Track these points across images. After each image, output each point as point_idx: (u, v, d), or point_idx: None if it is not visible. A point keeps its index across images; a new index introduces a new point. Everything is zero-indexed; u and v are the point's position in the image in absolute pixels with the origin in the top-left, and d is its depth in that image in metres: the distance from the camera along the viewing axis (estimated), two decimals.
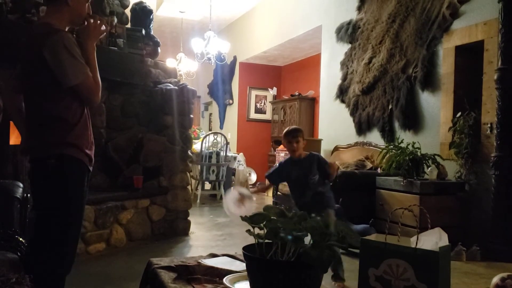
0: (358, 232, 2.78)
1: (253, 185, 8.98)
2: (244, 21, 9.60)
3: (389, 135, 5.14)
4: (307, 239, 1.35)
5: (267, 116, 9.87)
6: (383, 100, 5.24)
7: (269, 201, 6.81)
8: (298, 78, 9.21)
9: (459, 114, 4.13)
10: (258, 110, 9.98)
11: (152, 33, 4.80)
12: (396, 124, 5.06)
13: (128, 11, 4.77)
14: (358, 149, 5.57)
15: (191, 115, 4.75)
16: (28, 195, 2.34)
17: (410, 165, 4.07)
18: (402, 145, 4.30)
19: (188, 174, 4.91)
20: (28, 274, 1.38)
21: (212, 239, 4.51)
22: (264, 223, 1.40)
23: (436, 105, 4.58)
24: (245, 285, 1.55)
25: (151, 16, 4.83)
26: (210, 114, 12.27)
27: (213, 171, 6.88)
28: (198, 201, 6.74)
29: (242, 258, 1.83)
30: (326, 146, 6.19)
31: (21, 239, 2.12)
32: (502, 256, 3.54)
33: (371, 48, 5.48)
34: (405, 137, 4.72)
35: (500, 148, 3.70)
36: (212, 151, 6.92)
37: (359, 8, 5.85)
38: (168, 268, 1.90)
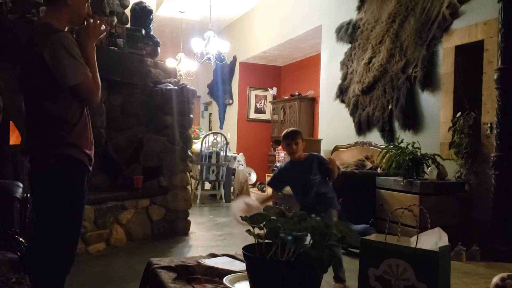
0: (358, 232, 2.77)
1: (253, 185, 8.98)
2: (244, 21, 9.60)
3: (389, 135, 5.14)
4: (308, 239, 1.35)
5: (267, 116, 9.87)
6: (383, 100, 5.24)
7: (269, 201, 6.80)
8: (298, 78, 9.21)
9: (459, 114, 4.13)
10: (258, 110, 9.98)
11: (152, 33, 4.80)
12: (396, 124, 5.06)
13: (128, 11, 4.77)
14: (358, 149, 5.57)
15: (191, 115, 4.75)
16: (28, 195, 2.34)
17: (410, 165, 4.07)
18: (402, 145, 4.30)
19: (188, 174, 4.91)
20: (28, 274, 1.38)
21: (212, 239, 4.51)
22: (264, 223, 1.40)
23: (436, 105, 4.58)
24: (245, 285, 1.55)
25: (151, 16, 4.83)
26: (210, 114, 12.26)
27: (213, 171, 6.89)
28: (198, 201, 6.74)
29: (242, 258, 1.83)
30: (326, 146, 6.19)
31: (21, 239, 2.12)
32: (502, 256, 3.54)
33: (371, 48, 5.48)
34: (405, 137, 4.72)
35: (500, 148, 3.70)
36: (212, 151, 6.92)
37: (359, 8, 5.85)
38: (168, 268, 1.90)
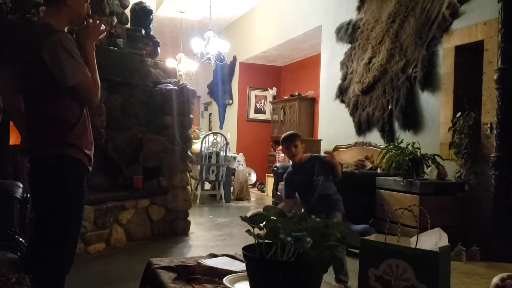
0: (358, 232, 2.76)
1: (253, 185, 8.98)
2: (244, 21, 9.60)
3: (389, 135, 5.14)
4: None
5: (267, 116, 9.87)
6: (383, 100, 5.24)
7: (269, 201, 6.82)
8: (298, 78, 9.21)
9: (459, 114, 4.13)
10: (258, 110, 9.98)
11: (152, 33, 4.80)
12: (396, 124, 5.06)
13: (128, 11, 4.77)
14: (358, 149, 5.57)
15: (191, 115, 4.75)
16: (28, 195, 2.34)
17: (410, 165, 4.07)
18: (402, 145, 4.29)
19: (188, 174, 4.91)
20: (28, 274, 1.38)
21: (212, 239, 4.51)
22: (264, 223, 1.40)
23: (436, 105, 4.58)
24: (245, 285, 1.55)
25: (151, 16, 4.83)
26: (210, 114, 12.26)
27: (212, 171, 6.88)
28: (198, 201, 6.74)
29: (242, 258, 1.83)
30: (326, 146, 6.19)
31: (21, 239, 2.12)
32: (502, 256, 3.54)
33: (371, 48, 5.48)
34: (405, 137, 4.72)
35: (500, 148, 3.70)
36: (212, 151, 6.92)
37: (359, 8, 5.84)
38: (168, 268, 1.89)
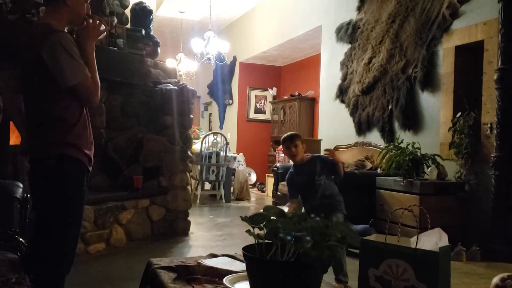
0: (358, 232, 2.76)
1: (253, 185, 8.98)
2: (244, 21, 9.60)
3: (389, 135, 5.14)
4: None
5: (267, 116, 9.87)
6: (383, 100, 5.24)
7: (269, 201, 6.82)
8: (298, 78, 9.21)
9: (459, 114, 4.13)
10: (258, 110, 9.98)
11: (152, 33, 4.80)
12: (396, 124, 5.06)
13: (128, 11, 4.77)
14: (358, 149, 5.57)
15: (191, 115, 4.75)
16: (28, 195, 2.34)
17: (410, 165, 4.07)
18: (402, 145, 4.29)
19: (188, 174, 4.91)
20: (28, 274, 1.38)
21: (212, 239, 4.51)
22: (264, 223, 1.40)
23: (436, 105, 4.58)
24: (245, 286, 1.55)
25: (151, 16, 4.83)
26: (210, 114, 12.26)
27: (213, 171, 6.88)
28: (198, 201, 6.74)
29: (242, 258, 1.83)
30: (326, 146, 6.16)
31: (21, 239, 2.12)
32: (502, 256, 3.54)
33: (371, 48, 5.48)
34: (405, 137, 4.72)
35: (500, 148, 3.70)
36: (212, 151, 6.92)
37: (359, 8, 5.84)
38: (168, 268, 1.89)
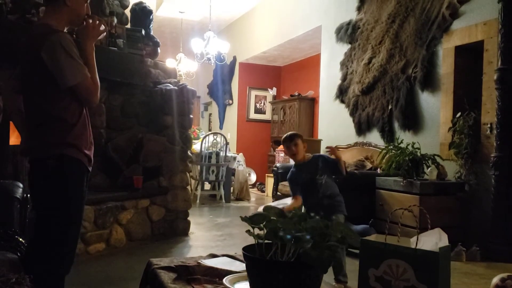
0: (358, 232, 2.76)
1: (253, 185, 8.98)
2: (244, 21, 9.60)
3: (388, 135, 5.14)
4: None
5: (267, 116, 9.87)
6: (383, 100, 5.24)
7: (269, 201, 6.81)
8: (298, 78, 9.21)
9: (459, 114, 4.13)
10: (258, 110, 9.98)
11: (152, 33, 4.80)
12: (396, 124, 5.06)
13: (128, 12, 4.77)
14: (357, 149, 5.57)
15: (191, 115, 4.75)
16: (28, 195, 2.34)
17: (410, 166, 4.06)
18: (402, 145, 4.29)
19: (188, 174, 4.91)
20: (28, 274, 1.38)
21: (212, 239, 4.51)
22: (264, 223, 1.40)
23: (436, 105, 4.58)
24: (245, 286, 1.55)
25: (151, 17, 4.83)
26: (210, 114, 12.26)
27: (212, 171, 6.88)
28: (198, 201, 6.74)
29: (242, 258, 1.83)
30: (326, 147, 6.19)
31: (21, 239, 2.12)
32: (502, 256, 3.54)
33: (371, 48, 5.48)
34: (404, 137, 4.72)
35: (500, 148, 3.70)
36: (212, 151, 6.92)
37: (359, 9, 5.85)
38: (168, 268, 1.89)
